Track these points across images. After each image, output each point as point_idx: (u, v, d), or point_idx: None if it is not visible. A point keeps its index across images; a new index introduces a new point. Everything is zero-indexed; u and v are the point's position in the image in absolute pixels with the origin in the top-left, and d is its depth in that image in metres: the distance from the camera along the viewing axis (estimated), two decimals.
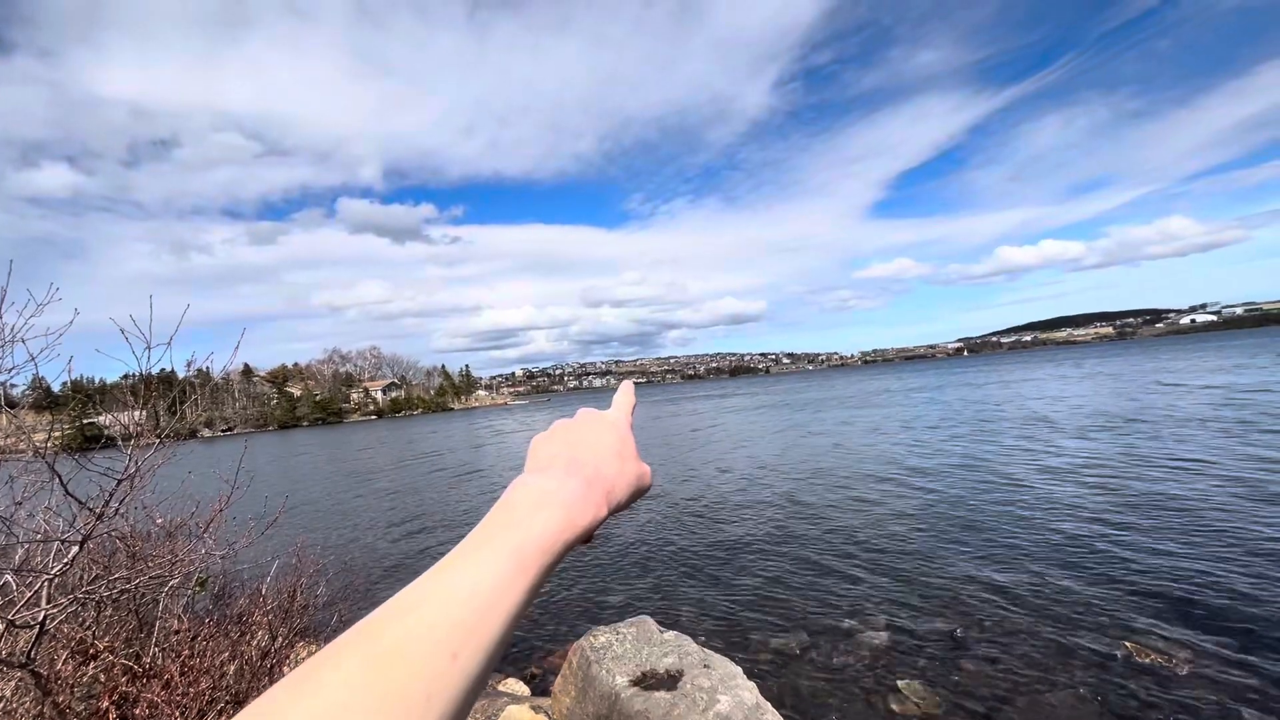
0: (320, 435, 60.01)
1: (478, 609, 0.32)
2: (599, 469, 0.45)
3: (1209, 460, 9.72)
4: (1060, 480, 9.42)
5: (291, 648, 3.78)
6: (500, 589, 0.33)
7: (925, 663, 4.37)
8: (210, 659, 2.76)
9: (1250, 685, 3.75)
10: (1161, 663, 4.06)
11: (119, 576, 2.51)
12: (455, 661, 0.30)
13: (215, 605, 3.99)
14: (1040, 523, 7.33)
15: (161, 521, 3.58)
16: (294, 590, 3.39)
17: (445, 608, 0.31)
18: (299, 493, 17.08)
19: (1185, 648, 4.21)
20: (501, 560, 0.35)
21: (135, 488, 2.45)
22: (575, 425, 0.50)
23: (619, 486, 0.45)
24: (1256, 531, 6.27)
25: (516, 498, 0.40)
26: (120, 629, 3.05)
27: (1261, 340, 73.23)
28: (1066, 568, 5.84)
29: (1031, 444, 13.03)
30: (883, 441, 15.90)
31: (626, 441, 0.49)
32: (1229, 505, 7.28)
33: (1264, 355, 36.58)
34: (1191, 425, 13.34)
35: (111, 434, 2.77)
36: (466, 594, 0.32)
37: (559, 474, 0.43)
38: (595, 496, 0.42)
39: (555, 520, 0.38)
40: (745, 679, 3.32)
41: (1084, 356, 76.11)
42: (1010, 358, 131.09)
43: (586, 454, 0.46)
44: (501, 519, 0.38)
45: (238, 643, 3.28)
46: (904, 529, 7.64)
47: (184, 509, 3.62)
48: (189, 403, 3.14)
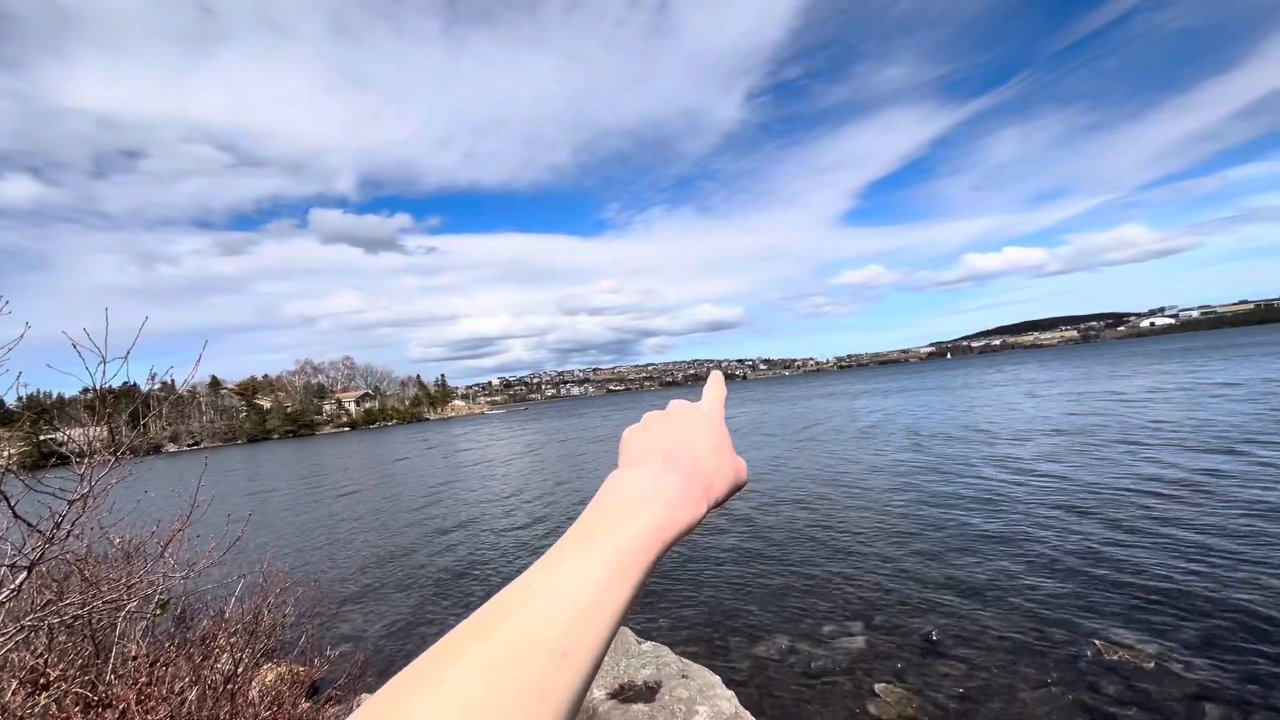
0: (291, 448, 58.62)
1: (584, 610, 0.32)
2: (697, 463, 0.43)
3: (1171, 462, 10.02)
4: (1028, 482, 9.63)
5: (257, 669, 3.66)
6: (605, 590, 0.33)
7: (902, 665, 4.41)
8: (170, 685, 2.65)
9: (1210, 679, 3.85)
10: (1128, 659, 4.15)
11: (71, 602, 2.40)
12: (565, 661, 0.30)
13: (177, 628, 3.85)
14: (1009, 525, 7.47)
15: (119, 542, 3.45)
16: (259, 610, 3.28)
17: (553, 609, 0.31)
18: (267, 508, 16.64)
19: (1150, 644, 4.32)
20: (604, 561, 0.34)
21: (89, 508, 2.36)
22: (668, 417, 0.48)
23: (717, 482, 0.43)
24: (1214, 529, 6.48)
25: (615, 494, 0.39)
26: (75, 656, 2.92)
27: (1214, 342, 76.08)
28: (1036, 568, 5.96)
29: (999, 448, 13.30)
30: (853, 446, 16.08)
31: (722, 434, 0.47)
32: (1188, 505, 7.51)
33: (1216, 359, 37.99)
34: (1152, 428, 13.76)
35: (64, 452, 2.66)
36: (572, 595, 0.32)
37: (657, 468, 0.41)
38: (695, 492, 0.41)
39: (656, 518, 0.37)
40: (724, 688, 3.31)
41: (1050, 359, 78.13)
42: (980, 361, 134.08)
43: (682, 448, 0.44)
44: (601, 516, 0.37)
45: (200, 667, 3.17)
46: (877, 533, 7.72)
47: (143, 529, 3.49)
48: (149, 417, 3.03)
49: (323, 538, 11.59)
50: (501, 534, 10.00)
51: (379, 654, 5.62)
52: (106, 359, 2.24)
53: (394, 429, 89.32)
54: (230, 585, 3.91)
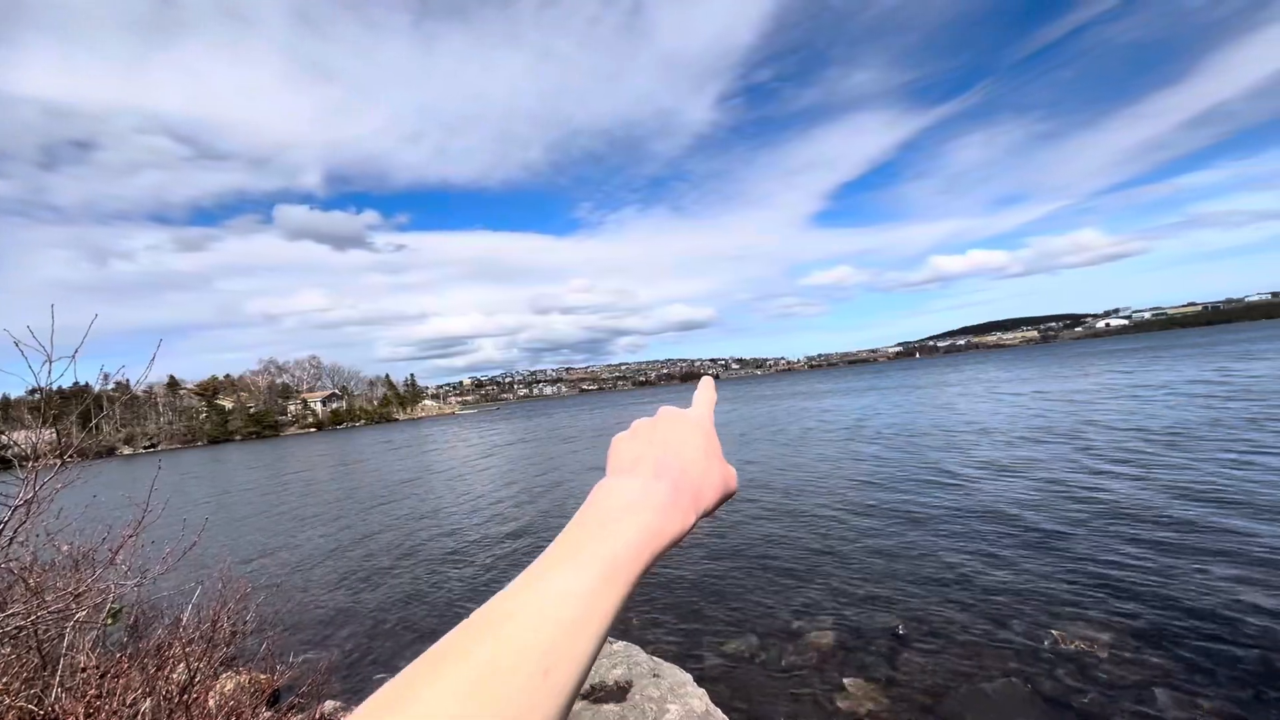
0: (254, 450, 57.01)
1: (568, 624, 0.31)
2: (686, 471, 0.42)
3: (1120, 459, 10.41)
4: (989, 480, 9.90)
5: (216, 678, 3.55)
6: (590, 603, 0.32)
7: (870, 660, 4.49)
8: (121, 697, 2.55)
9: (1158, 665, 4.01)
10: (1084, 648, 4.30)
11: (14, 612, 2.29)
12: (547, 679, 0.29)
13: (130, 638, 3.71)
14: (971, 521, 7.67)
15: (68, 549, 3.30)
16: (217, 617, 3.18)
17: (535, 623, 0.30)
18: (227, 511, 16.16)
19: (1104, 632, 4.47)
20: (591, 572, 0.33)
21: (34, 514, 2.25)
22: (658, 424, 0.47)
23: (706, 490, 0.43)
24: (1157, 523, 6.75)
25: (603, 503, 0.38)
26: (20, 668, 2.79)
27: (1163, 342, 79.34)
28: (997, 563, 6.13)
29: (962, 447, 13.65)
30: (822, 445, 16.33)
31: (712, 441, 0.47)
32: (1135, 501, 7.81)
33: (1165, 359, 39.62)
34: (1103, 426, 14.27)
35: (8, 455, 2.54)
36: (556, 608, 0.31)
37: (646, 476, 0.41)
38: (684, 501, 0.40)
39: (645, 527, 0.37)
40: (695, 686, 3.32)
41: (1013, 360, 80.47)
42: (946, 361, 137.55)
43: (672, 455, 0.43)
44: (588, 526, 0.36)
45: (154, 677, 3.06)
46: (846, 531, 7.85)
47: (94, 535, 3.36)
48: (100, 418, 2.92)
49: (286, 541, 11.29)
50: (470, 537, 9.88)
51: (345, 660, 5.50)
52: (52, 358, 2.14)
53: (362, 430, 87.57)
54: (188, 592, 3.78)
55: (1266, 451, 9.35)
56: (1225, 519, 6.58)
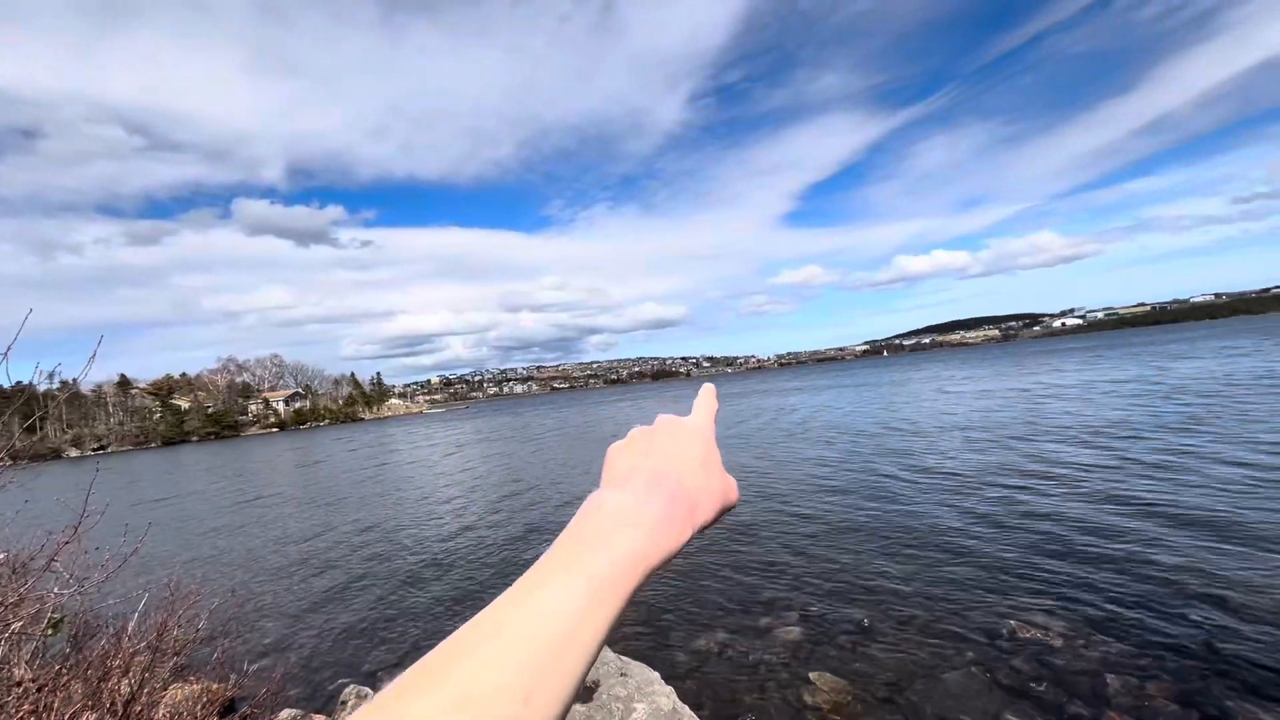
0: (211, 450, 55.15)
1: (552, 645, 0.28)
2: (683, 483, 0.40)
3: (1072, 453, 10.80)
4: (951, 474, 10.16)
5: (165, 689, 3.41)
6: (577, 622, 0.30)
7: (835, 653, 4.56)
8: (60, 711, 2.42)
9: (1110, 651, 4.16)
10: (1040, 636, 4.43)
11: None
12: (528, 705, 0.26)
13: (72, 649, 3.54)
14: (935, 514, 7.86)
15: (3, 557, 3.13)
16: (163, 626, 3.05)
17: (517, 644, 0.28)
18: (178, 515, 15.59)
19: (1059, 621, 4.63)
20: (579, 589, 0.31)
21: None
22: (655, 433, 0.45)
23: (704, 503, 0.41)
24: (1114, 514, 7.02)
25: (594, 517, 0.36)
26: None
27: (1114, 341, 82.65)
28: (958, 556, 6.28)
29: (924, 442, 13.99)
30: (790, 442, 16.55)
31: (711, 451, 0.45)
32: (1087, 494, 8.11)
33: (1114, 357, 41.26)
34: (1057, 423, 14.78)
35: None
36: (540, 628, 0.29)
37: (640, 489, 0.39)
38: (679, 515, 0.38)
39: (637, 543, 0.35)
40: (663, 684, 3.32)
41: (975, 358, 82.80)
42: (912, 359, 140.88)
43: (669, 466, 0.41)
44: (578, 541, 0.34)
45: (97, 689, 2.92)
46: (812, 526, 7.97)
47: (31, 541, 3.18)
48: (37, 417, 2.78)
49: (241, 546, 10.94)
50: (430, 540, 9.72)
51: (303, 668, 5.35)
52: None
53: (326, 429, 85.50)
54: (135, 600, 3.62)
55: (1189, 453, 9.81)
56: (1168, 514, 6.87)
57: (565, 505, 10.82)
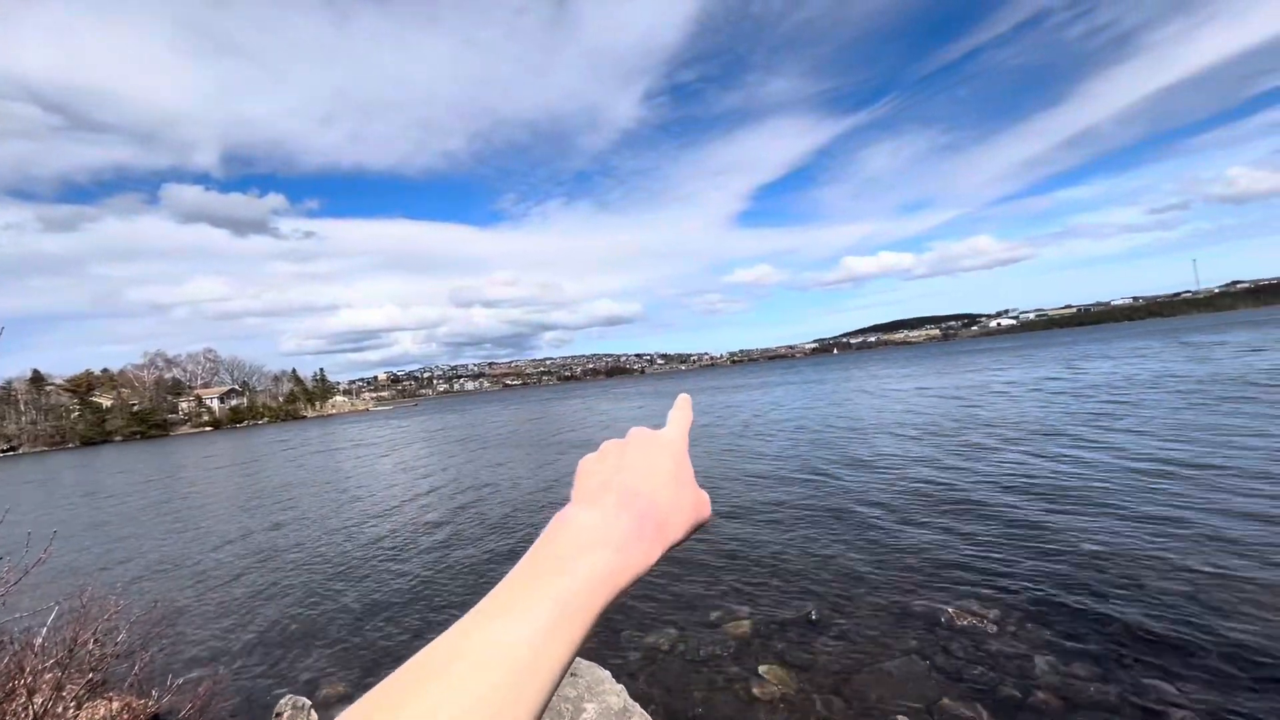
0: (136, 451, 51.86)
1: (515, 672, 0.26)
2: (654, 500, 0.38)
3: (1006, 448, 11.37)
4: (892, 469, 10.54)
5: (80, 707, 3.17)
6: (541, 647, 0.28)
7: (784, 646, 4.64)
8: None
9: (1039, 635, 4.39)
10: (975, 623, 4.63)
11: None
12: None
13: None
14: (876, 507, 8.13)
15: None
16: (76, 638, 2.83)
17: (477, 672, 0.26)
18: (94, 520, 14.60)
19: (993, 608, 4.85)
20: (543, 612, 0.29)
21: None
22: (627, 447, 0.43)
23: (674, 520, 0.39)
24: (1035, 507, 7.42)
25: (560, 536, 0.34)
26: None
27: (1044, 341, 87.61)
28: (900, 548, 6.52)
29: (867, 437, 14.47)
30: (738, 438, 16.82)
31: (683, 465, 0.43)
32: (1016, 488, 8.55)
33: (1042, 356, 43.71)
34: (991, 419, 15.54)
35: None
36: (502, 654, 0.27)
37: (610, 508, 0.37)
38: (648, 533, 0.36)
39: (605, 564, 0.33)
40: (613, 682, 3.30)
41: (917, 356, 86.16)
42: (859, 357, 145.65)
43: (640, 482, 0.39)
44: (543, 563, 0.32)
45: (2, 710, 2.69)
46: (761, 521, 8.11)
47: None
48: None
49: (164, 552, 10.31)
50: (371, 542, 9.42)
51: (234, 679, 5.07)
52: None
53: (265, 428, 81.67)
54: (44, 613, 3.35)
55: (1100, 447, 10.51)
56: (1086, 503, 7.32)
57: (508, 509, 10.67)
